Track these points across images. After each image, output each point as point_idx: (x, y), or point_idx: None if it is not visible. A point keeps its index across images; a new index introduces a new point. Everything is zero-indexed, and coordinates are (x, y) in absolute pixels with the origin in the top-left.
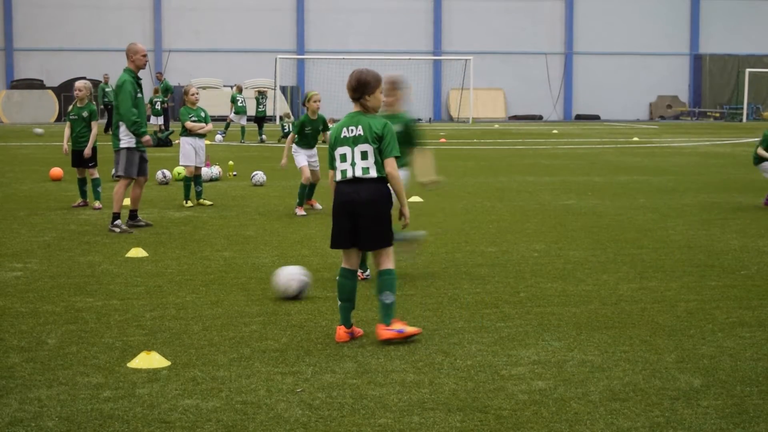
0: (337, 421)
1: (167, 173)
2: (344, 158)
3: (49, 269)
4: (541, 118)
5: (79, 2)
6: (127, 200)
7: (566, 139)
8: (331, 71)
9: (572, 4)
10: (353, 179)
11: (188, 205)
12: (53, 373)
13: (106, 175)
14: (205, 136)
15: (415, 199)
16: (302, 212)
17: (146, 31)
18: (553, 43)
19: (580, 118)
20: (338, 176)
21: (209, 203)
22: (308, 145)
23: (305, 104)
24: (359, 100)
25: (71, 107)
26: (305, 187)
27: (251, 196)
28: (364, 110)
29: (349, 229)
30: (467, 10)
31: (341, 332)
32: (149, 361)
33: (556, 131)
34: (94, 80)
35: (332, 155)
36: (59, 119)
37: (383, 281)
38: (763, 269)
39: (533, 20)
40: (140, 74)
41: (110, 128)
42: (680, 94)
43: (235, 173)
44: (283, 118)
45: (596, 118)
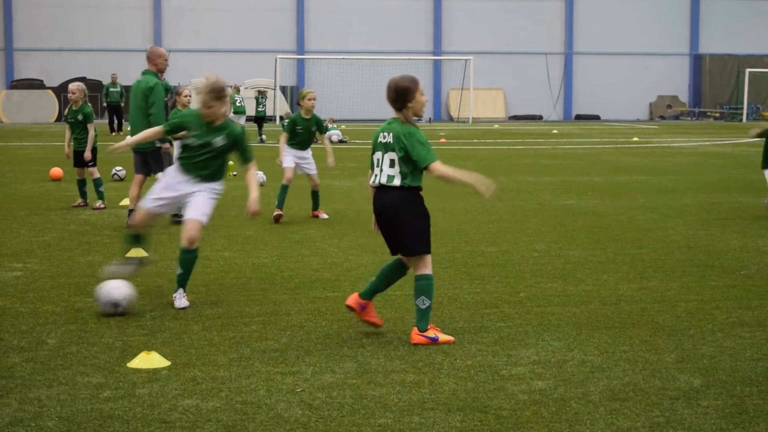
0: (337, 421)
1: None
2: (378, 164)
3: (49, 269)
4: (541, 118)
5: (79, 2)
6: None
7: (566, 139)
8: (331, 71)
9: (572, 4)
10: (380, 186)
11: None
12: (53, 373)
13: (105, 175)
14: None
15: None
16: (278, 213)
17: (146, 31)
18: (553, 43)
19: (580, 118)
20: (372, 179)
21: None
22: (299, 145)
23: (299, 102)
24: (402, 109)
25: (67, 110)
26: (286, 188)
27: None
28: (404, 118)
29: (386, 234)
30: (467, 10)
31: (353, 297)
32: (149, 361)
33: (556, 131)
34: (93, 80)
35: (371, 157)
36: (59, 119)
37: (418, 286)
38: (763, 269)
39: (533, 20)
40: (140, 74)
41: (116, 128)
42: (680, 94)
43: (234, 173)
44: (283, 117)
45: (596, 118)
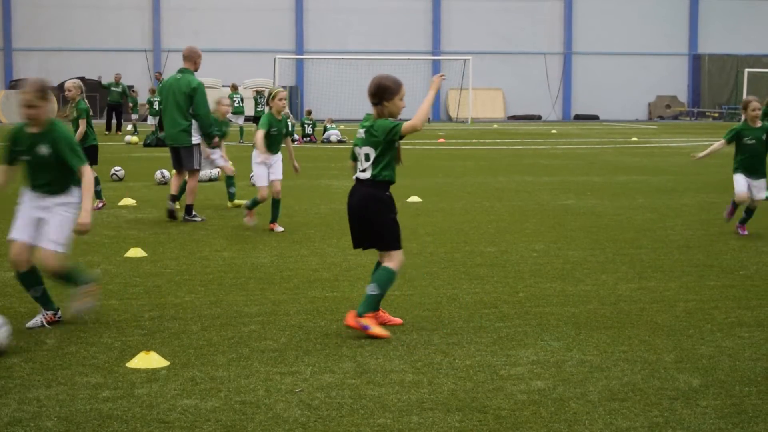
0: (336, 421)
1: (166, 173)
2: (355, 158)
3: None
4: (540, 118)
5: (78, 2)
6: (125, 200)
7: (565, 139)
8: (330, 71)
9: (571, 4)
10: (356, 180)
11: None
12: (52, 373)
13: (104, 175)
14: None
15: (414, 198)
16: (251, 221)
17: (145, 31)
18: (552, 43)
19: (578, 118)
20: (354, 173)
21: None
22: (270, 148)
23: (269, 103)
24: (378, 105)
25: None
26: (258, 203)
27: (250, 195)
28: (377, 115)
29: (353, 229)
30: (466, 10)
31: (350, 317)
32: (148, 361)
33: (555, 131)
34: (93, 80)
35: (352, 150)
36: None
37: (377, 274)
38: (761, 269)
39: (532, 20)
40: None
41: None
42: (679, 94)
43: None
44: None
45: (595, 118)
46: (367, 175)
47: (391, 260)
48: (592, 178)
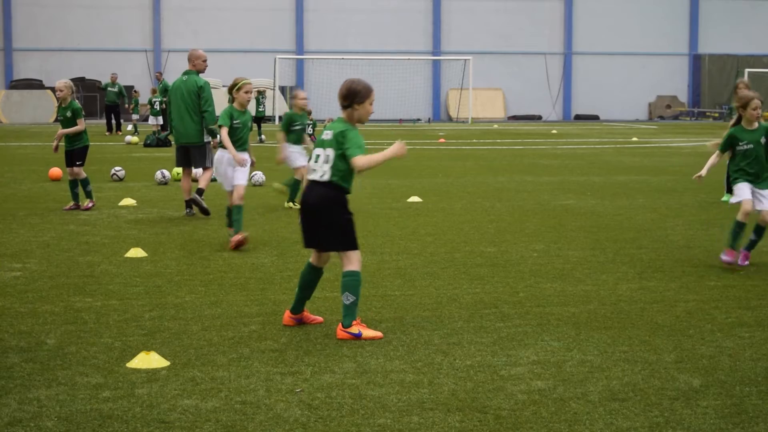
0: (336, 421)
1: (166, 173)
2: (315, 159)
3: (48, 269)
4: (540, 118)
5: (78, 2)
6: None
7: (565, 139)
8: (330, 71)
9: (571, 4)
10: (312, 181)
11: (295, 206)
12: (52, 373)
13: (104, 175)
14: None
15: (414, 198)
16: (239, 237)
17: (145, 31)
18: (552, 43)
19: (579, 118)
20: (309, 173)
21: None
22: (235, 145)
23: (233, 94)
24: (347, 108)
25: (57, 108)
26: (241, 208)
27: (250, 196)
28: (347, 118)
29: (306, 229)
30: (466, 10)
31: (286, 316)
32: (148, 361)
33: (555, 131)
34: (93, 80)
35: (312, 152)
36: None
37: (344, 282)
38: (762, 269)
39: (532, 20)
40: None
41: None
42: (679, 94)
43: None
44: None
45: (595, 118)
46: (325, 177)
47: (350, 262)
48: (592, 178)
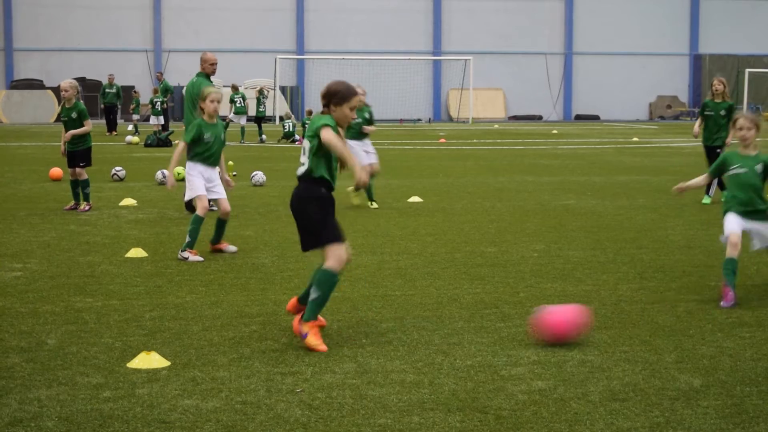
0: (336, 421)
1: (167, 173)
2: (303, 153)
3: (48, 269)
4: (540, 118)
5: (79, 2)
6: (125, 201)
7: (566, 139)
8: (330, 71)
9: (572, 4)
10: (297, 178)
11: (374, 206)
12: (53, 373)
13: (105, 175)
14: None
15: (414, 198)
16: (194, 256)
17: (146, 31)
18: (552, 43)
19: (579, 118)
20: None
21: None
22: (208, 161)
23: (200, 105)
24: (325, 107)
25: (60, 108)
26: (202, 220)
27: (251, 196)
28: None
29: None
30: (467, 10)
31: (293, 301)
32: (149, 361)
33: (555, 131)
34: (94, 80)
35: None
36: (59, 119)
37: (316, 277)
38: (762, 269)
39: (533, 20)
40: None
41: (113, 128)
42: (680, 94)
43: (234, 173)
44: (283, 118)
45: (596, 118)
46: (303, 169)
47: (327, 258)
48: (592, 178)
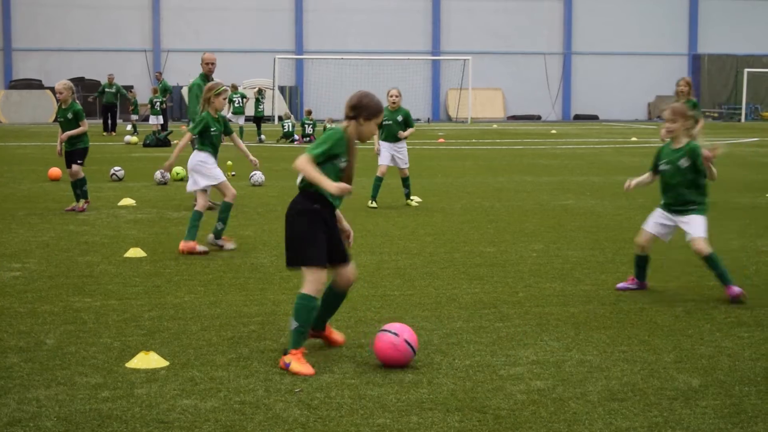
0: (335, 421)
1: (166, 173)
2: None
3: (47, 269)
4: (539, 118)
5: (78, 2)
6: (124, 200)
7: (565, 139)
8: (329, 71)
9: (571, 4)
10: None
11: (373, 206)
12: (52, 373)
13: (104, 175)
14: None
15: (414, 198)
16: (229, 243)
17: (145, 31)
18: (551, 43)
19: (578, 118)
20: None
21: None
22: (216, 153)
23: (211, 99)
24: (352, 119)
25: (57, 109)
26: (231, 206)
27: (250, 196)
28: (350, 130)
29: None
30: (466, 10)
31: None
32: (147, 361)
33: (554, 131)
34: (93, 80)
35: None
36: (57, 120)
37: (294, 306)
38: (761, 269)
39: (532, 20)
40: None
41: (111, 129)
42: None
43: (233, 173)
44: (282, 118)
45: (595, 118)
46: (300, 179)
47: (303, 282)
48: (591, 178)
